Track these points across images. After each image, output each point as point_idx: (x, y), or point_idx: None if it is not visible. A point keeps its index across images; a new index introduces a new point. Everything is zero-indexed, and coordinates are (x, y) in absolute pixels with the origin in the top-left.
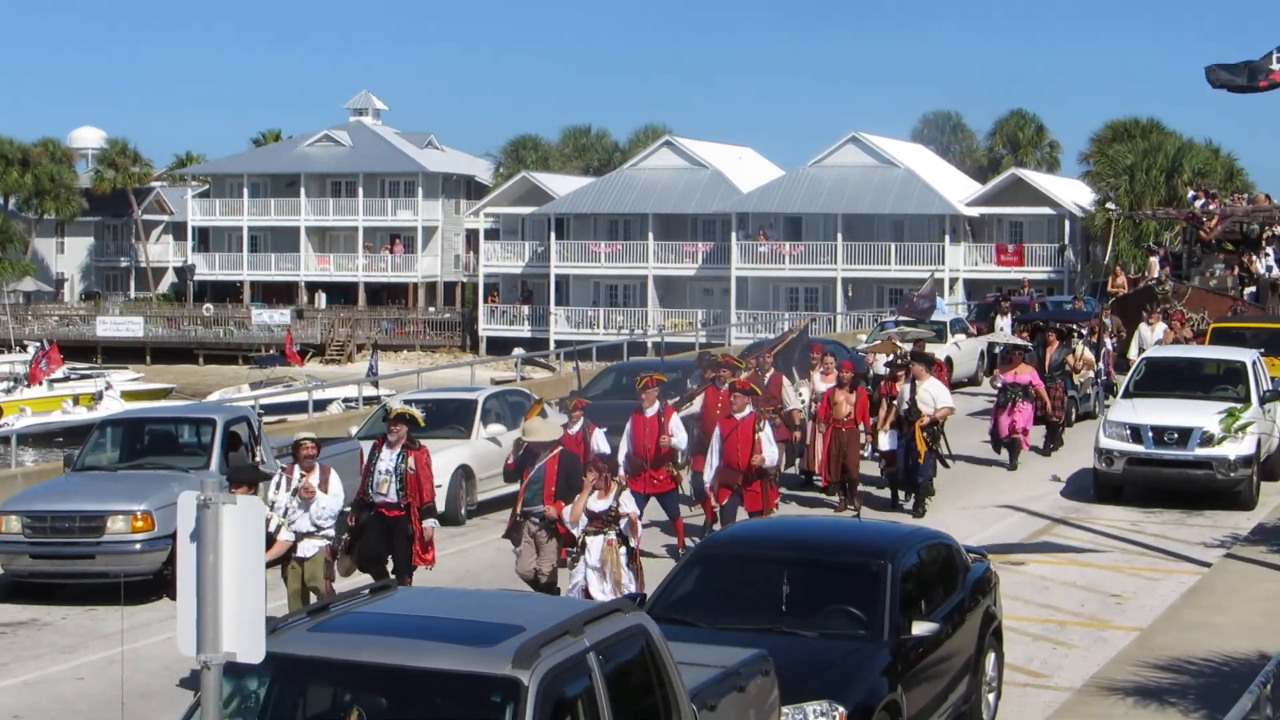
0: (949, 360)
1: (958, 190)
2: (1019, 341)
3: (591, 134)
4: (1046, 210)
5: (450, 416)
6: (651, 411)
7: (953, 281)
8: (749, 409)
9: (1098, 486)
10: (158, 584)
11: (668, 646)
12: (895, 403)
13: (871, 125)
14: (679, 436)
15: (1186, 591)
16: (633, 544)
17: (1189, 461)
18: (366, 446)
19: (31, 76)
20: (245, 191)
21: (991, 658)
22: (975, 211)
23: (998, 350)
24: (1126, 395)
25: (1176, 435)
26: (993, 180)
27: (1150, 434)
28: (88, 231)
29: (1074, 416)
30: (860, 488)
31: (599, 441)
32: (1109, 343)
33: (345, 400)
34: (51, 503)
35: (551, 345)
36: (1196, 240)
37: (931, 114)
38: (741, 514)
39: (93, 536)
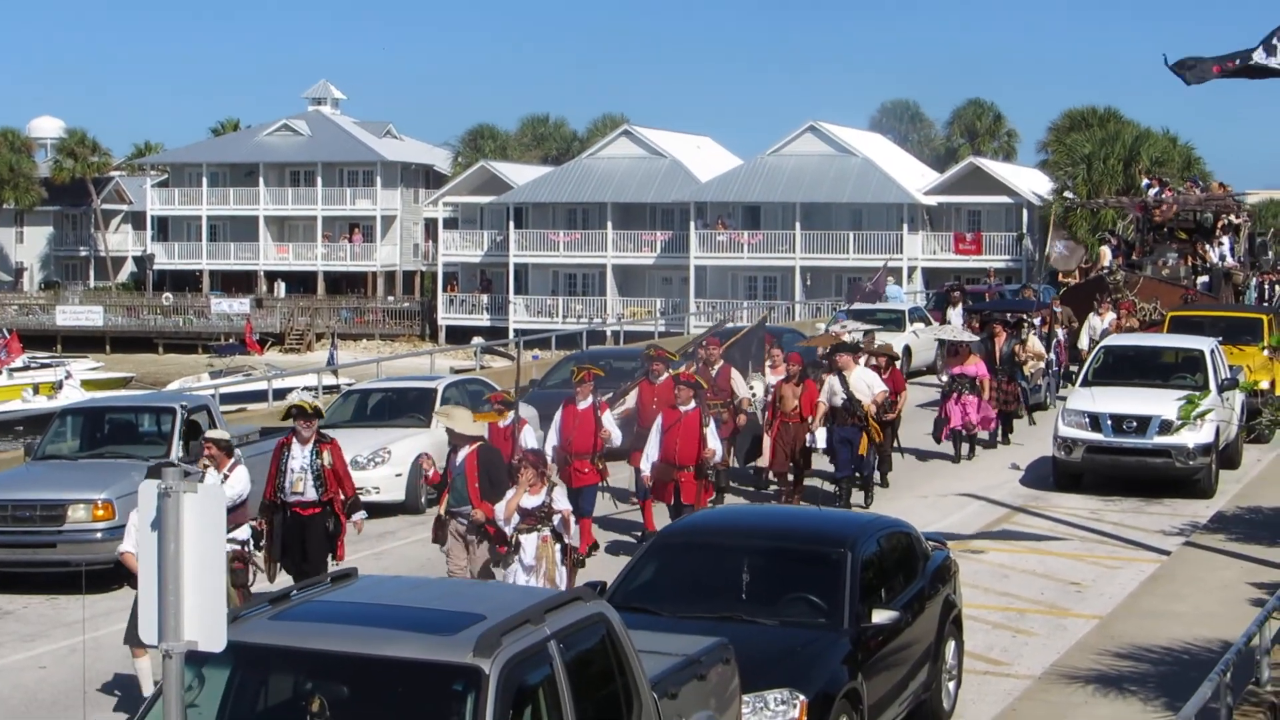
0: (907, 349)
1: (916, 179)
2: (965, 337)
3: (550, 123)
4: (1004, 199)
5: (410, 405)
6: (584, 404)
7: (911, 270)
8: (694, 403)
9: (1057, 475)
10: (119, 572)
11: (628, 635)
12: (821, 398)
13: (830, 114)
14: (616, 433)
15: (1146, 579)
16: (566, 541)
17: (1148, 450)
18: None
19: None
20: (204, 181)
21: (951, 646)
22: (933, 200)
23: (945, 342)
24: (1085, 384)
25: (1135, 423)
26: (951, 169)
27: (1109, 422)
28: (47, 221)
29: (1023, 409)
30: (807, 482)
31: (528, 436)
32: (1060, 333)
33: (305, 389)
34: (12, 491)
35: (511, 334)
36: (1150, 228)
37: (890, 103)
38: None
39: (54, 525)
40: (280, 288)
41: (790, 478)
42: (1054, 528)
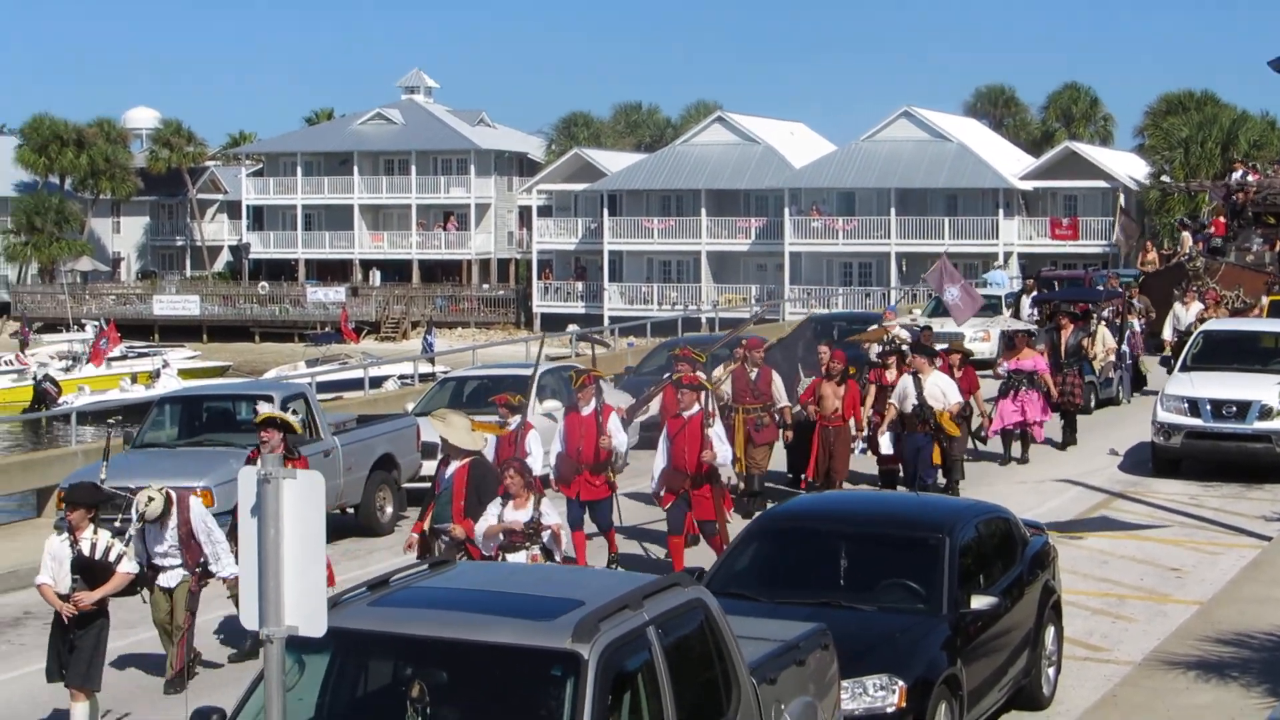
0: (1003, 335)
1: (1011, 164)
2: (1022, 326)
3: (643, 110)
4: (1101, 183)
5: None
6: (587, 410)
7: (1007, 256)
8: (696, 406)
9: (1156, 460)
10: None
11: (727, 620)
12: (892, 399)
13: (923, 99)
14: (618, 438)
15: (1247, 565)
16: (558, 558)
17: (1248, 435)
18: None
19: (86, 57)
20: (299, 170)
21: (1051, 631)
22: (1029, 185)
23: (1004, 334)
24: (1184, 369)
25: (1235, 409)
26: (1046, 154)
27: (1208, 407)
28: (143, 211)
29: (1093, 404)
30: (850, 487)
31: (532, 444)
32: (1136, 324)
33: (401, 377)
34: (111, 479)
35: (605, 321)
36: (1234, 213)
37: (984, 87)
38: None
39: None
40: (375, 276)
41: (838, 484)
42: (1153, 514)
